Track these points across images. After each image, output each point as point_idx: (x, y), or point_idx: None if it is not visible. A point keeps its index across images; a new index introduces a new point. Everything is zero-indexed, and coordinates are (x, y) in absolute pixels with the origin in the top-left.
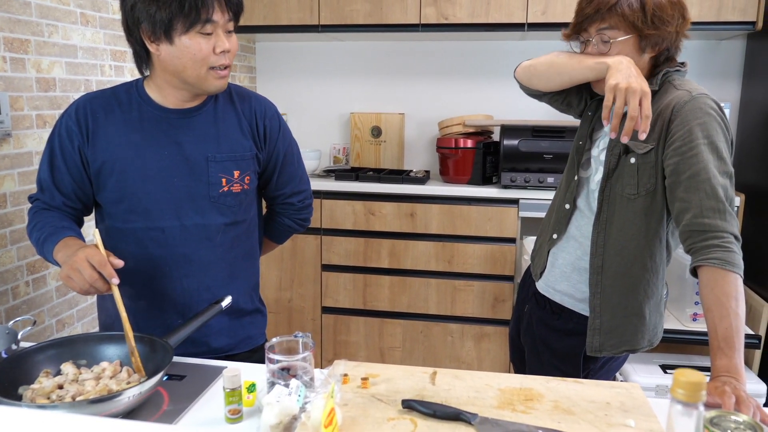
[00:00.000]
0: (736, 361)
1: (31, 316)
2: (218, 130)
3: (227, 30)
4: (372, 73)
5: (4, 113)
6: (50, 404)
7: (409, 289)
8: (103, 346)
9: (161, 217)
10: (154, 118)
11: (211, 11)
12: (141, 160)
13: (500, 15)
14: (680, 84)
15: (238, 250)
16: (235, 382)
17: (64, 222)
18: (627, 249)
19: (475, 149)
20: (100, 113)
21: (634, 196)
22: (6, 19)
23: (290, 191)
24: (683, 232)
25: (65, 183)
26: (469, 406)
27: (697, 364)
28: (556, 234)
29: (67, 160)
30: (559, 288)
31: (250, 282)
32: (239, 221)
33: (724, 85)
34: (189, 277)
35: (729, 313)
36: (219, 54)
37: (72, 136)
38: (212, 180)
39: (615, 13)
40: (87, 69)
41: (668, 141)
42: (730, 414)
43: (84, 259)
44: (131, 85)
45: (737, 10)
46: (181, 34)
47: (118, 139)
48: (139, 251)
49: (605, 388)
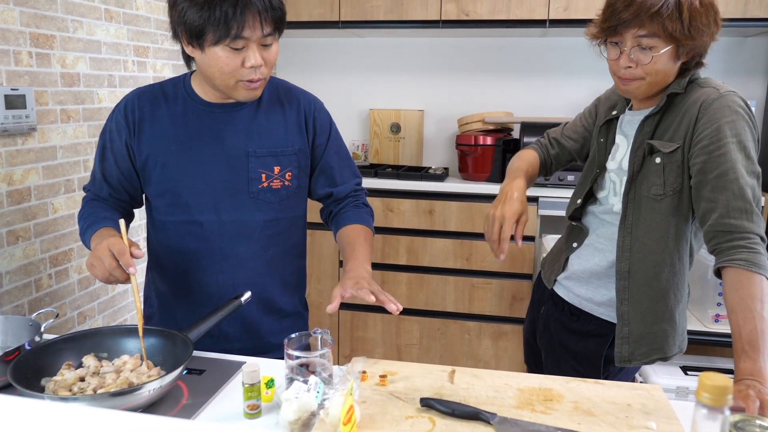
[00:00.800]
0: (761, 365)
1: (53, 308)
2: (260, 125)
3: (263, 43)
4: (392, 70)
5: (30, 108)
6: (72, 396)
7: (426, 287)
8: (124, 339)
9: (200, 211)
10: (197, 112)
11: (240, 27)
12: (183, 154)
13: (521, 11)
14: (704, 82)
15: (277, 249)
16: (254, 377)
17: (107, 213)
18: (655, 252)
19: (494, 146)
20: (147, 107)
21: (660, 196)
22: (32, 15)
23: (351, 185)
24: (708, 232)
25: (113, 175)
26: (488, 406)
27: (719, 366)
28: (576, 243)
29: (116, 153)
30: (578, 292)
31: (290, 282)
32: (279, 218)
33: (749, 82)
34: (225, 272)
35: (754, 315)
36: (249, 68)
37: (120, 129)
38: (252, 175)
39: (656, 21)
40: (110, 64)
41: (695, 139)
42: (755, 418)
43: (106, 247)
44: (179, 80)
45: (764, 6)
46: (211, 45)
47: (162, 133)
48: (178, 244)
49: (626, 389)
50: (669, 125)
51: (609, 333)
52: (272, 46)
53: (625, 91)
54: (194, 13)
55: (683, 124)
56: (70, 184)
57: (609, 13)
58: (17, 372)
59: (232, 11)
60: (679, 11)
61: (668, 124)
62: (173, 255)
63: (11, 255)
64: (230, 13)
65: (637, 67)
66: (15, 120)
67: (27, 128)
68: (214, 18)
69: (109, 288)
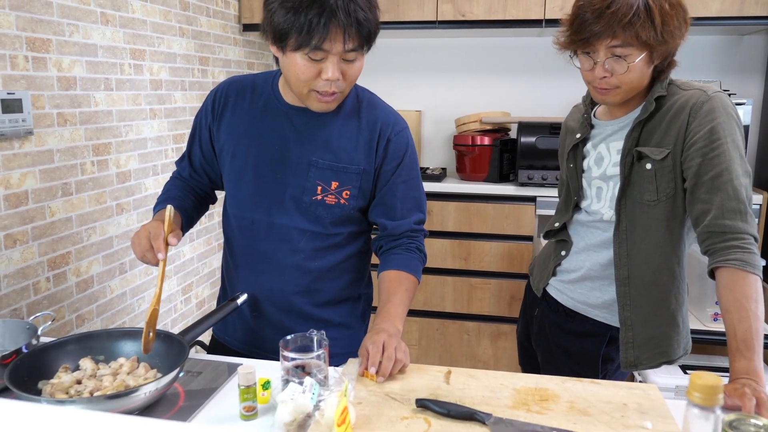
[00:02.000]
0: (755, 363)
1: (51, 311)
2: (331, 136)
3: (345, 58)
4: (389, 71)
5: (26, 112)
6: (68, 399)
7: (425, 287)
8: (121, 342)
9: (254, 209)
10: (276, 111)
11: (323, 39)
12: (252, 149)
13: (517, 11)
14: (685, 84)
15: (322, 264)
16: (250, 379)
17: (180, 192)
18: (653, 257)
19: (492, 146)
20: (233, 97)
21: (654, 202)
22: (28, 19)
23: (409, 223)
24: (702, 233)
25: (196, 157)
26: (484, 406)
27: (718, 365)
28: (564, 251)
29: (202, 136)
30: (572, 295)
31: (337, 299)
32: (328, 234)
33: (746, 80)
34: (265, 274)
35: (748, 314)
36: (324, 81)
37: (207, 114)
38: (308, 185)
39: (629, 31)
40: (107, 68)
41: (688, 142)
42: (749, 417)
43: (146, 229)
44: (270, 75)
45: (760, 4)
46: (292, 50)
47: (239, 124)
48: (233, 237)
49: (622, 389)
50: (654, 130)
51: (605, 333)
52: (356, 61)
53: (602, 100)
54: (281, 15)
55: (672, 128)
56: (68, 187)
57: (578, 25)
58: (14, 375)
59: (316, 21)
60: (651, 17)
61: (653, 129)
62: (231, 245)
63: (9, 258)
64: (314, 22)
65: (612, 76)
66: (11, 124)
67: (24, 132)
68: (298, 24)
69: (107, 291)
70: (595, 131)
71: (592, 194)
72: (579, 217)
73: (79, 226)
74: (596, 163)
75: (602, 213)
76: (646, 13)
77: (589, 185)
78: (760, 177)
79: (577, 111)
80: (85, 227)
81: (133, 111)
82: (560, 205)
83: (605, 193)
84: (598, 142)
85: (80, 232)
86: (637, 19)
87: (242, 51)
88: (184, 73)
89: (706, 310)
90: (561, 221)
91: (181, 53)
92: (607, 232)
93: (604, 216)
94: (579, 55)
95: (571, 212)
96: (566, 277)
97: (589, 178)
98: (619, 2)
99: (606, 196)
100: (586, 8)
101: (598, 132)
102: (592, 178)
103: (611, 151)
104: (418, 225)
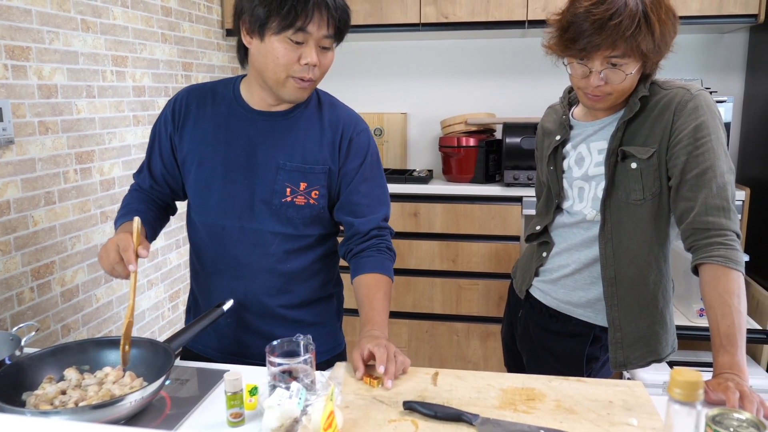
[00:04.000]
0: (738, 358)
1: (36, 322)
2: (296, 138)
3: (322, 45)
4: (373, 73)
5: (7, 120)
6: (53, 410)
7: (413, 289)
8: (106, 351)
9: (224, 215)
10: (240, 116)
11: (308, 20)
12: (219, 156)
13: (500, 13)
14: (665, 83)
15: (294, 266)
16: (237, 385)
17: (141, 205)
18: (640, 256)
19: (477, 148)
20: (194, 105)
21: (640, 201)
22: (7, 27)
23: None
24: (685, 230)
25: (157, 167)
26: (471, 407)
27: (705, 360)
28: (545, 253)
29: (162, 147)
30: (555, 295)
31: (306, 300)
32: (298, 235)
33: (727, 78)
34: (239, 279)
35: (731, 310)
36: (303, 65)
37: (167, 123)
38: (277, 188)
39: (630, 42)
40: (88, 75)
41: (673, 140)
42: (732, 411)
43: (114, 242)
44: (230, 81)
45: (739, 3)
46: (273, 34)
47: (203, 132)
48: (203, 244)
49: (608, 386)
50: (637, 129)
51: (589, 332)
52: (329, 51)
53: (591, 106)
54: (262, 0)
55: (657, 127)
56: (50, 196)
57: (575, 33)
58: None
59: (303, 3)
60: (651, 29)
61: (636, 129)
62: (199, 253)
63: None
64: (300, 4)
65: (606, 84)
66: None
67: (4, 141)
68: (283, 8)
69: (93, 299)
70: (574, 132)
71: (574, 195)
72: (561, 219)
73: (63, 235)
74: (577, 163)
75: (585, 213)
76: (647, 25)
77: (570, 186)
78: (741, 173)
79: (553, 112)
80: (69, 236)
81: (116, 118)
82: (540, 208)
83: (587, 194)
84: (579, 143)
85: (64, 241)
86: (639, 31)
87: (226, 56)
88: (168, 79)
89: (691, 306)
90: (542, 224)
91: (164, 59)
92: (589, 231)
93: (587, 216)
94: (571, 62)
95: (552, 214)
96: (548, 277)
97: (570, 179)
98: (622, 14)
99: (588, 196)
100: (584, 17)
101: (577, 133)
102: (574, 179)
103: (592, 151)
104: (384, 222)
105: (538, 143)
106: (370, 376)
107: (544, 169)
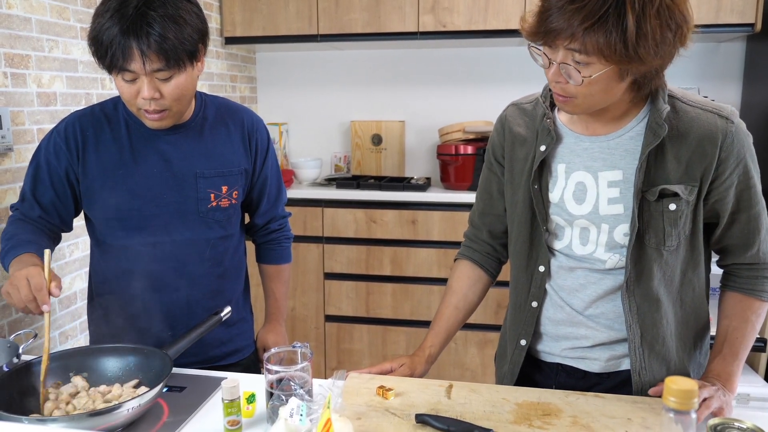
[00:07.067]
0: (731, 368)
1: (33, 329)
2: (206, 146)
3: (158, 77)
4: (372, 82)
5: (6, 128)
6: (50, 418)
7: (411, 297)
8: (105, 358)
9: (152, 233)
10: (142, 135)
11: (126, 60)
12: (131, 178)
13: (498, 21)
14: (686, 97)
15: (227, 264)
16: (234, 393)
17: (32, 236)
18: (685, 303)
19: (475, 155)
20: (90, 131)
21: (674, 247)
22: (6, 35)
23: (280, 208)
24: (740, 266)
25: (46, 197)
26: (485, 421)
27: None
28: (536, 302)
29: (52, 176)
30: (563, 346)
31: (240, 292)
32: (228, 235)
33: (724, 87)
34: (179, 290)
35: (747, 324)
36: (142, 100)
37: (59, 154)
38: (201, 195)
39: (589, 37)
40: (87, 83)
41: (720, 179)
42: (734, 421)
43: (24, 277)
44: (114, 102)
45: (735, 12)
46: (113, 73)
47: (108, 156)
48: (129, 267)
49: (627, 402)
50: (664, 158)
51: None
52: (171, 79)
53: (561, 108)
54: (91, 41)
55: (696, 161)
56: None
57: (543, 13)
58: None
59: (116, 44)
60: (623, 26)
61: (662, 157)
62: (123, 278)
63: None
64: (114, 46)
65: (566, 83)
66: None
67: (3, 149)
68: (102, 50)
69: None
70: (563, 146)
71: (573, 234)
72: (555, 261)
73: (62, 242)
74: (575, 197)
75: (596, 258)
76: (617, 19)
77: (569, 224)
78: None
79: (522, 114)
80: (67, 243)
81: None
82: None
83: (596, 237)
84: (576, 168)
85: (62, 248)
86: (602, 24)
87: (225, 64)
88: None
89: None
90: (521, 265)
91: None
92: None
93: (607, 263)
94: (540, 50)
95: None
96: (546, 331)
97: (566, 216)
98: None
99: (598, 240)
100: None
101: (569, 149)
102: (574, 217)
103: (600, 182)
104: (284, 212)
105: (496, 150)
106: (382, 388)
107: (521, 187)
